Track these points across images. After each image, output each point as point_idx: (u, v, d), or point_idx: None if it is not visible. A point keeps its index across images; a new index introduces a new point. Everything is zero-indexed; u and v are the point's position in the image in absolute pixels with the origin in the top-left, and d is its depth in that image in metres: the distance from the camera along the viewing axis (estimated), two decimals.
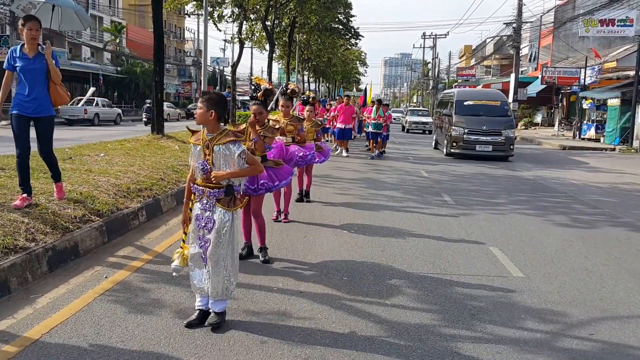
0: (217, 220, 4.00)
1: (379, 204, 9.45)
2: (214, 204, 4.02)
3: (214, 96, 4.04)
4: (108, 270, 5.27)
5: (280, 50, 39.16)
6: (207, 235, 4.02)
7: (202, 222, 4.04)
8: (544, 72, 33.65)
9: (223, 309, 4.11)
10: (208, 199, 4.03)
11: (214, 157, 3.97)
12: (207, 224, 4.02)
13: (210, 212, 4.03)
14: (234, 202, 4.09)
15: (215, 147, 3.96)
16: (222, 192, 4.02)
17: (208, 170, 3.98)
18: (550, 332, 4.31)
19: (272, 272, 5.43)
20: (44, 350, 3.59)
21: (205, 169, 3.99)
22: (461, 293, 5.09)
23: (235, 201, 4.10)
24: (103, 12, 50.52)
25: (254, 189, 5.52)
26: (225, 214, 4.02)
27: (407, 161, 17.28)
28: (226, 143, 3.96)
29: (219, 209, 4.02)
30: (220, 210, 4.02)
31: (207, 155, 3.99)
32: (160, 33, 14.42)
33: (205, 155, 4.00)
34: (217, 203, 4.02)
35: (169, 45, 60.01)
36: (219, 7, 25.67)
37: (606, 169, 17.22)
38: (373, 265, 5.82)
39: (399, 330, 4.20)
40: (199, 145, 4.03)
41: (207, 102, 3.96)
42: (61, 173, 6.48)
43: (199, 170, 4.01)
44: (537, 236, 7.53)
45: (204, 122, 3.99)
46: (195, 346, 3.76)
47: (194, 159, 4.07)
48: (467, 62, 68.80)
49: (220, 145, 3.95)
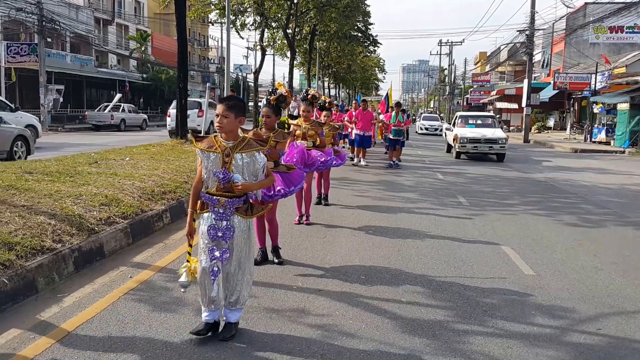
0: (238, 230, 3.86)
1: (395, 205, 9.58)
2: (232, 213, 3.85)
3: (239, 102, 3.87)
4: (132, 270, 5.41)
5: (301, 57, 39.47)
6: (224, 245, 3.82)
7: (219, 232, 3.82)
8: (556, 77, 34.36)
9: (238, 318, 4.01)
10: (225, 209, 3.84)
11: (235, 166, 3.79)
12: (225, 234, 3.82)
13: (227, 222, 3.84)
14: (251, 210, 3.97)
15: (238, 156, 3.79)
16: (242, 201, 3.89)
17: (229, 179, 3.78)
18: (559, 328, 4.39)
19: (292, 271, 5.53)
20: (70, 348, 3.71)
21: (226, 177, 3.78)
22: (474, 290, 5.19)
23: (252, 209, 3.98)
24: (129, 21, 51.44)
25: (271, 196, 5.50)
26: (243, 223, 3.90)
27: (423, 164, 17.35)
28: (251, 152, 3.83)
29: (237, 217, 3.87)
30: (239, 219, 3.88)
31: (229, 163, 3.78)
32: (184, 41, 14.70)
33: (225, 163, 3.78)
34: (236, 212, 3.87)
35: (193, 52, 60.83)
36: (241, 16, 26.04)
37: (616, 170, 17.24)
38: (389, 265, 5.93)
39: (414, 327, 4.28)
40: (216, 152, 3.79)
41: (235, 109, 3.78)
42: None
43: (217, 179, 3.80)
44: (548, 235, 7.67)
45: (231, 131, 3.81)
46: (216, 342, 3.85)
47: (207, 166, 3.83)
48: (482, 68, 69.34)
49: (244, 154, 3.80)
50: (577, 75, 34.26)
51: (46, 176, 7.78)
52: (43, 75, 27.28)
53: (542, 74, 46.43)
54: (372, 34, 38.90)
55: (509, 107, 46.50)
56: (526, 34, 32.90)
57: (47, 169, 8.43)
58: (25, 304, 4.42)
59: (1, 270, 4.38)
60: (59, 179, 7.68)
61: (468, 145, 18.92)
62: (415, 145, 25.91)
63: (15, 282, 4.44)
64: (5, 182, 6.88)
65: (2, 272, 4.37)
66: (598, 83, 32.14)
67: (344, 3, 27.81)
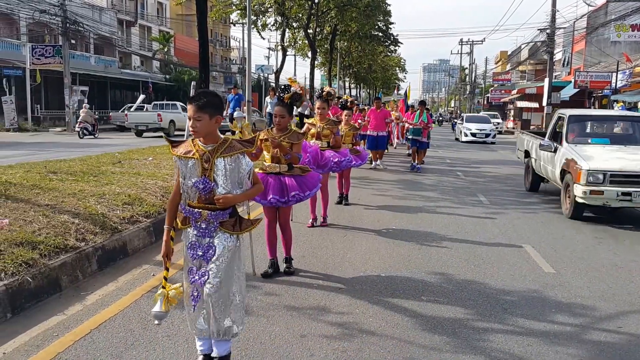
0: (220, 247, 3.27)
1: (416, 204, 9.55)
2: (216, 228, 3.29)
3: (212, 99, 3.21)
4: (155, 269, 5.45)
5: (322, 57, 39.53)
6: (206, 266, 3.27)
7: (200, 250, 3.29)
8: (577, 76, 34.06)
9: (227, 350, 3.41)
10: (208, 223, 3.28)
11: (216, 173, 3.22)
12: (207, 253, 3.27)
13: (210, 239, 3.29)
14: (239, 224, 3.38)
15: (219, 160, 3.21)
16: (227, 214, 3.31)
17: (210, 188, 3.22)
18: (579, 325, 4.37)
19: (312, 269, 5.54)
20: (93, 345, 3.75)
21: (207, 187, 3.23)
22: (494, 288, 5.17)
23: (241, 223, 3.40)
24: (152, 22, 52.03)
25: (285, 201, 5.14)
26: (229, 239, 3.31)
27: (443, 162, 17.20)
28: (234, 156, 3.23)
29: (223, 233, 3.30)
30: (224, 235, 3.30)
31: (209, 169, 3.22)
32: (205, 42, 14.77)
33: (205, 170, 3.22)
34: (220, 227, 3.29)
35: (215, 53, 61.29)
36: (262, 16, 26.16)
37: None
38: (409, 263, 5.91)
39: (434, 324, 4.27)
40: (193, 158, 3.23)
41: (209, 109, 3.17)
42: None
43: (197, 190, 3.24)
44: (568, 234, 7.63)
45: (208, 134, 3.23)
46: (237, 340, 3.84)
47: (184, 175, 3.26)
48: (502, 67, 69.06)
49: (227, 158, 3.22)
50: (598, 73, 33.96)
51: (70, 176, 7.90)
52: (67, 77, 27.72)
53: (563, 72, 46.07)
54: (392, 34, 38.75)
55: (530, 106, 46.05)
56: (547, 33, 32.68)
57: (71, 169, 8.55)
58: (49, 302, 4.48)
59: (25, 268, 4.45)
60: (82, 178, 7.79)
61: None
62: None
63: (39, 280, 4.50)
64: (29, 182, 7.00)
65: (27, 271, 4.44)
66: (619, 81, 31.80)
67: (365, 2, 27.78)
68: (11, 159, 11.05)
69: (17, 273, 4.34)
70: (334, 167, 7.46)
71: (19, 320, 4.10)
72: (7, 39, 32.92)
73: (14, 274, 4.31)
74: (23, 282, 4.32)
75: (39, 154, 13.71)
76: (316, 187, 5.49)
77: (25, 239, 4.87)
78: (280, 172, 5.23)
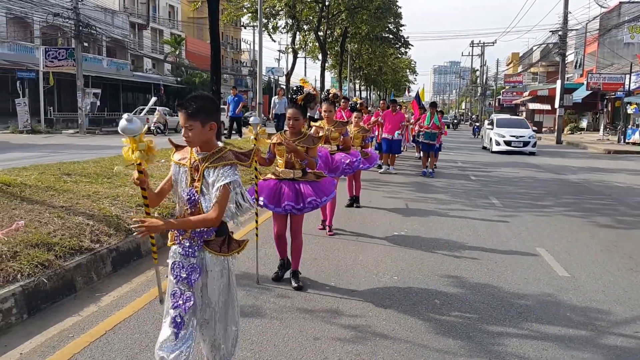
0: (207, 270, 2.88)
1: (427, 206, 9.52)
2: (201, 247, 2.88)
3: (204, 103, 2.81)
4: None
5: (333, 59, 39.54)
6: (188, 291, 2.85)
7: (183, 272, 2.85)
8: (589, 78, 33.95)
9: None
10: (192, 241, 2.87)
11: (203, 184, 2.83)
12: (190, 275, 2.84)
13: (194, 259, 2.87)
14: (228, 245, 2.93)
15: (207, 171, 2.81)
16: (213, 232, 2.88)
17: (195, 201, 2.85)
18: (595, 330, 4.33)
19: (325, 272, 5.53)
20: (107, 346, 3.77)
21: (191, 199, 2.85)
22: (508, 292, 5.14)
23: (230, 243, 2.94)
24: (163, 25, 52.32)
25: (300, 208, 4.91)
26: (216, 262, 2.88)
27: (454, 166, 17.14)
28: (222, 167, 2.79)
29: (209, 255, 2.88)
30: (210, 257, 2.88)
31: (197, 180, 2.84)
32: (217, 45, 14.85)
33: (194, 180, 2.85)
34: (205, 246, 2.88)
35: (226, 56, 61.53)
36: (273, 19, 26.22)
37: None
38: (422, 266, 5.89)
39: (447, 328, 4.25)
40: (185, 166, 2.90)
41: (201, 115, 2.78)
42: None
43: (183, 201, 2.89)
44: (582, 237, 7.56)
45: (204, 143, 2.86)
46: (251, 342, 3.87)
47: (175, 182, 2.95)
48: (514, 69, 68.84)
49: (213, 169, 2.81)
50: (611, 75, 33.80)
51: (84, 178, 7.96)
52: (80, 79, 27.92)
53: (575, 74, 45.86)
54: (403, 36, 38.66)
55: (542, 109, 45.84)
56: (559, 35, 32.52)
57: (85, 171, 8.61)
58: (64, 303, 4.52)
59: (41, 270, 4.49)
60: (96, 180, 7.85)
61: None
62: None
63: (54, 281, 4.54)
64: (44, 184, 7.05)
65: (42, 272, 4.48)
66: (632, 83, 31.70)
67: (376, 5, 27.74)
68: (25, 161, 11.14)
69: (33, 274, 4.38)
70: (347, 169, 7.27)
71: (34, 321, 4.14)
72: (21, 41, 33.33)
73: (29, 275, 4.35)
74: (39, 283, 4.37)
75: (52, 155, 13.81)
76: (332, 192, 5.29)
77: (40, 240, 4.91)
78: (294, 177, 5.03)
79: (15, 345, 3.78)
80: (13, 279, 4.25)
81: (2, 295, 4.04)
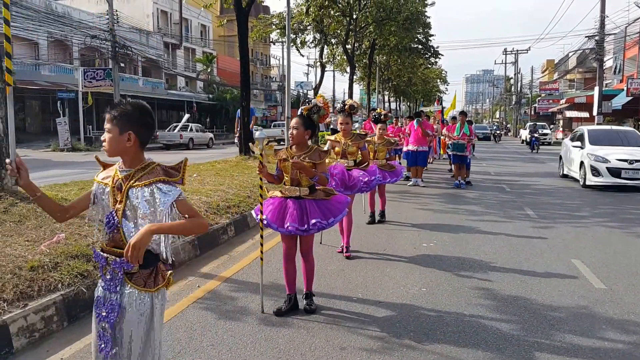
0: (126, 308, 2.46)
1: (459, 217, 9.44)
2: (122, 282, 2.48)
3: (129, 108, 2.48)
4: (200, 280, 5.65)
5: (361, 72, 39.62)
6: (110, 331, 2.46)
7: (104, 310, 2.48)
8: (630, 84, 32.86)
9: None
10: (113, 274, 2.48)
11: (128, 206, 2.45)
12: (110, 314, 2.45)
13: (116, 294, 2.47)
14: (154, 279, 2.51)
15: (131, 191, 2.44)
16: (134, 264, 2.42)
17: (115, 226, 2.47)
18: (632, 343, 4.22)
19: (352, 282, 5.59)
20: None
21: (110, 224, 2.48)
22: (541, 304, 5.05)
23: (156, 276, 2.53)
24: (195, 44, 53.50)
25: (304, 230, 4.53)
26: (140, 299, 2.46)
27: (487, 177, 16.90)
28: (151, 184, 2.43)
29: (130, 289, 2.47)
30: (132, 292, 2.46)
31: (119, 202, 2.46)
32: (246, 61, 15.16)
33: (116, 202, 2.47)
34: (128, 280, 2.47)
35: (255, 72, 62.45)
36: (301, 34, 26.52)
37: None
38: (451, 277, 5.86)
39: (477, 340, 4.22)
40: (107, 186, 2.53)
41: (120, 120, 2.46)
42: None
43: (104, 227, 2.52)
44: (620, 248, 7.35)
45: (120, 154, 2.51)
46: (278, 351, 3.97)
47: (97, 208, 2.60)
48: (549, 76, 67.50)
49: (139, 188, 2.43)
50: None
51: None
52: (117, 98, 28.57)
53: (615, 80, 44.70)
54: (432, 46, 38.47)
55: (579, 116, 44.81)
56: (596, 40, 31.75)
57: None
58: None
59: (80, 280, 4.71)
60: None
61: None
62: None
63: (93, 291, 4.70)
64: None
65: (81, 282, 4.69)
66: None
67: (404, 16, 27.74)
68: (66, 177, 11.57)
69: (73, 284, 4.60)
70: (364, 187, 6.68)
71: (74, 328, 4.33)
72: (61, 63, 34.65)
73: (69, 285, 4.57)
74: (78, 292, 4.58)
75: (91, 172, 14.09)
76: (342, 212, 4.77)
77: (80, 252, 5.14)
78: (301, 195, 4.63)
79: (57, 350, 3.98)
80: (54, 288, 4.47)
81: (44, 303, 4.25)
